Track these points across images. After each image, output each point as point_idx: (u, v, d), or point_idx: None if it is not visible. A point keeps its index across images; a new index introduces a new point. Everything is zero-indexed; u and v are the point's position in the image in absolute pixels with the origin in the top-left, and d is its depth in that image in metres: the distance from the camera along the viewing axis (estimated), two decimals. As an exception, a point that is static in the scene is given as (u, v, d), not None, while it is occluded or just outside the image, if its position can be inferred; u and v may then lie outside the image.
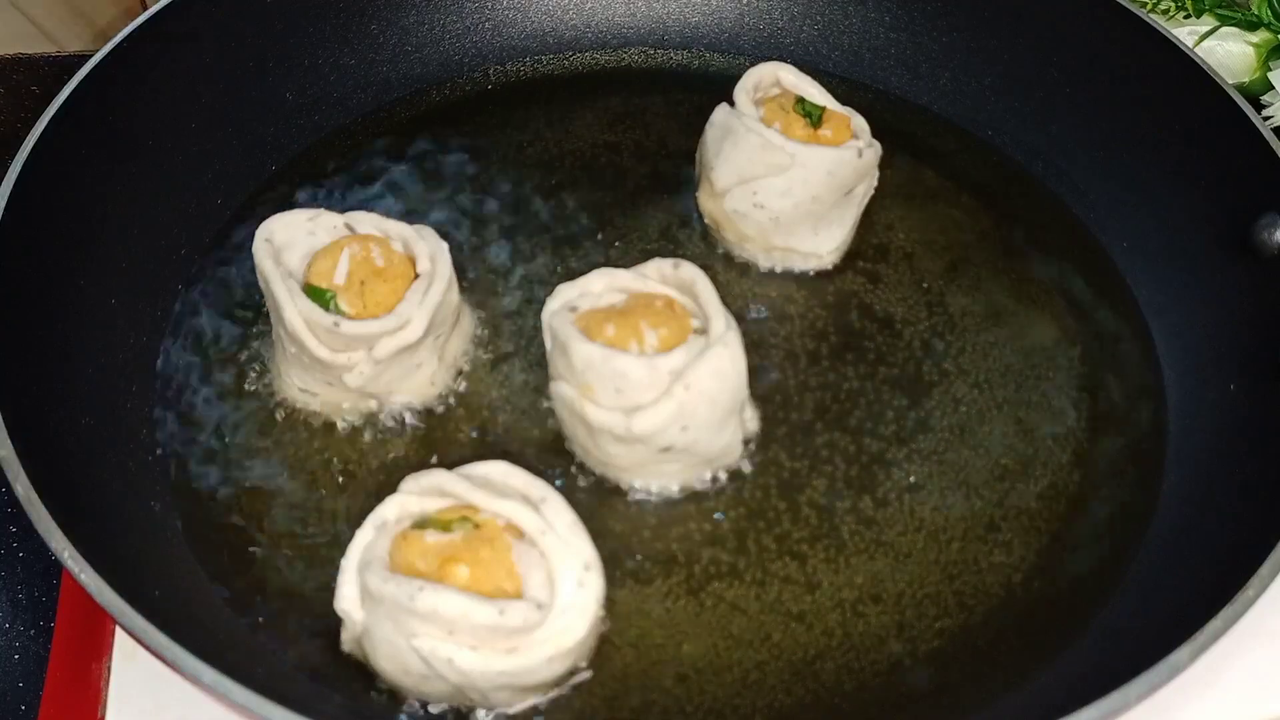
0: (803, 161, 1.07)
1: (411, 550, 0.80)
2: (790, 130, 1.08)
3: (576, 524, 0.84)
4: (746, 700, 0.88)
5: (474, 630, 0.77)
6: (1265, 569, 0.80)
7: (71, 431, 0.92)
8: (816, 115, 1.10)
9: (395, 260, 0.96)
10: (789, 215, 1.10)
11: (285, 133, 1.22)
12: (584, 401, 0.91)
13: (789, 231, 1.11)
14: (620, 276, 0.97)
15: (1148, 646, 0.78)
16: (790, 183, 1.08)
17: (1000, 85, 1.28)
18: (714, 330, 0.91)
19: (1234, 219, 1.06)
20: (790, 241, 1.12)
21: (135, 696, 0.90)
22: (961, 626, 0.92)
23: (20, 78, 1.44)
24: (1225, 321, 1.06)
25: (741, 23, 1.36)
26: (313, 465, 0.99)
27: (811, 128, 1.09)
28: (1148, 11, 1.33)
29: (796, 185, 1.08)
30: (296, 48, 1.24)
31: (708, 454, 0.96)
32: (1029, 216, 1.21)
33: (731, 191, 1.11)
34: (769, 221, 1.11)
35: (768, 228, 1.11)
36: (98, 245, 1.03)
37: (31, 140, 0.98)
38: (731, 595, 0.93)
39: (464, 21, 1.32)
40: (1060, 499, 1.00)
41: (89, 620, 0.94)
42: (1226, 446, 1.00)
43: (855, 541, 0.96)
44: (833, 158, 1.07)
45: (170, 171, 1.12)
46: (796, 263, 1.13)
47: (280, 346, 0.99)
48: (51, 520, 0.79)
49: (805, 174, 1.07)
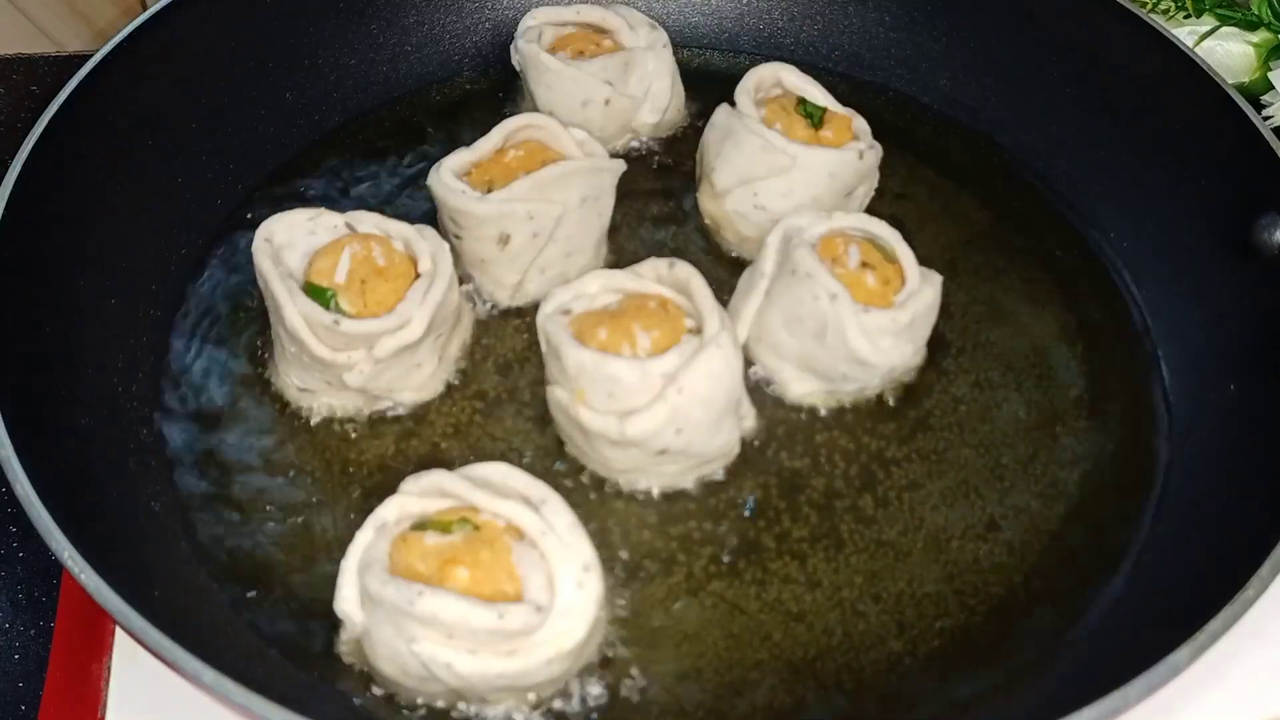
0: (804, 163, 1.07)
1: (411, 552, 0.80)
2: (791, 131, 1.09)
3: (576, 525, 0.84)
4: (747, 700, 0.88)
5: (473, 634, 0.77)
6: (1265, 569, 0.81)
7: (71, 431, 0.92)
8: (818, 116, 1.10)
9: (396, 259, 0.97)
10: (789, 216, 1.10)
11: (285, 133, 1.22)
12: (577, 406, 0.91)
13: (789, 232, 1.11)
14: (615, 277, 0.97)
15: (1148, 646, 0.78)
16: (791, 184, 1.08)
17: (1000, 85, 1.28)
18: (708, 330, 0.91)
19: (1234, 219, 1.06)
20: (790, 241, 1.12)
21: (135, 696, 0.90)
22: (961, 626, 0.92)
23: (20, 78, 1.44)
24: (1225, 321, 1.06)
25: (741, 23, 1.36)
26: (312, 465, 0.99)
27: (813, 129, 1.09)
28: (1148, 11, 1.33)
29: (797, 186, 1.08)
30: (296, 48, 1.24)
31: (705, 454, 0.96)
32: (1029, 216, 1.21)
33: (732, 192, 1.11)
34: (769, 222, 1.10)
35: (768, 229, 1.11)
36: (97, 245, 1.03)
37: (31, 140, 0.98)
38: (731, 595, 0.93)
39: (464, 21, 1.33)
40: (1060, 499, 1.00)
41: (89, 620, 0.94)
42: (1226, 446, 1.00)
43: (855, 541, 0.96)
44: (834, 159, 1.07)
45: (170, 171, 1.12)
46: (796, 263, 1.14)
47: (280, 346, 0.99)
48: (51, 520, 0.79)
49: (806, 175, 1.07)
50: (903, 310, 0.97)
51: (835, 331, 0.96)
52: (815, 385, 1.02)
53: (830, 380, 1.01)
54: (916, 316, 0.98)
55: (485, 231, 1.02)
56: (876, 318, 0.96)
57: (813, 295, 0.96)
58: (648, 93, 1.21)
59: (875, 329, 0.96)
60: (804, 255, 0.97)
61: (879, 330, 0.97)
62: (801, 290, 0.97)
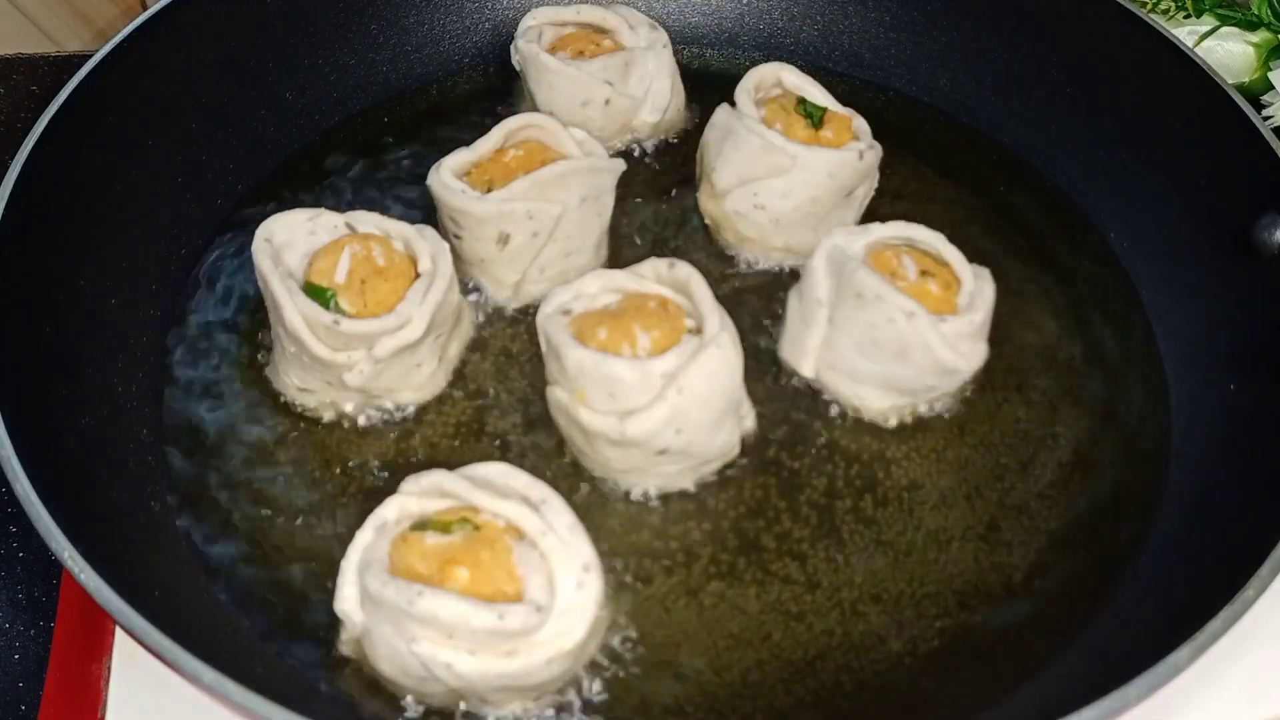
0: (804, 163, 1.07)
1: (411, 552, 0.80)
2: (791, 131, 1.08)
3: (576, 525, 0.84)
4: (746, 700, 0.88)
5: (473, 634, 0.77)
6: (1265, 569, 0.81)
7: (71, 431, 0.92)
8: (818, 116, 1.10)
9: (396, 259, 0.97)
10: (789, 216, 1.10)
11: (285, 133, 1.22)
12: (578, 406, 0.91)
13: (789, 232, 1.11)
14: (615, 277, 0.97)
15: (1148, 646, 0.78)
16: (791, 184, 1.08)
17: (1000, 85, 1.28)
18: (708, 330, 0.91)
19: (1234, 219, 1.06)
20: (790, 242, 1.12)
21: (135, 696, 0.90)
22: (961, 626, 0.92)
23: (20, 78, 1.44)
24: (1225, 321, 1.06)
25: (741, 23, 1.36)
26: (312, 465, 0.99)
27: (813, 129, 1.09)
28: (1148, 11, 1.33)
29: (797, 187, 1.08)
30: (296, 48, 1.24)
31: (705, 454, 0.96)
32: (1029, 216, 1.21)
33: (732, 192, 1.11)
34: (769, 222, 1.11)
35: (768, 229, 1.11)
36: (97, 245, 1.03)
37: (31, 140, 0.98)
38: (731, 595, 0.93)
39: (464, 21, 1.33)
40: (1060, 499, 1.00)
41: (89, 620, 0.94)
42: (1226, 446, 1.00)
43: (855, 541, 0.96)
44: (834, 160, 1.07)
45: (170, 171, 1.12)
46: (796, 263, 1.13)
47: (280, 346, 0.99)
48: (51, 520, 0.79)
49: (806, 176, 1.07)
50: (975, 311, 0.97)
51: (920, 349, 0.95)
52: (897, 400, 1.02)
53: (914, 394, 1.01)
54: (987, 313, 0.98)
55: (485, 231, 1.02)
56: (954, 325, 0.96)
57: (887, 318, 0.95)
58: (648, 93, 1.21)
59: (955, 336, 0.96)
60: (866, 277, 0.95)
61: (958, 336, 0.96)
62: (873, 314, 0.95)
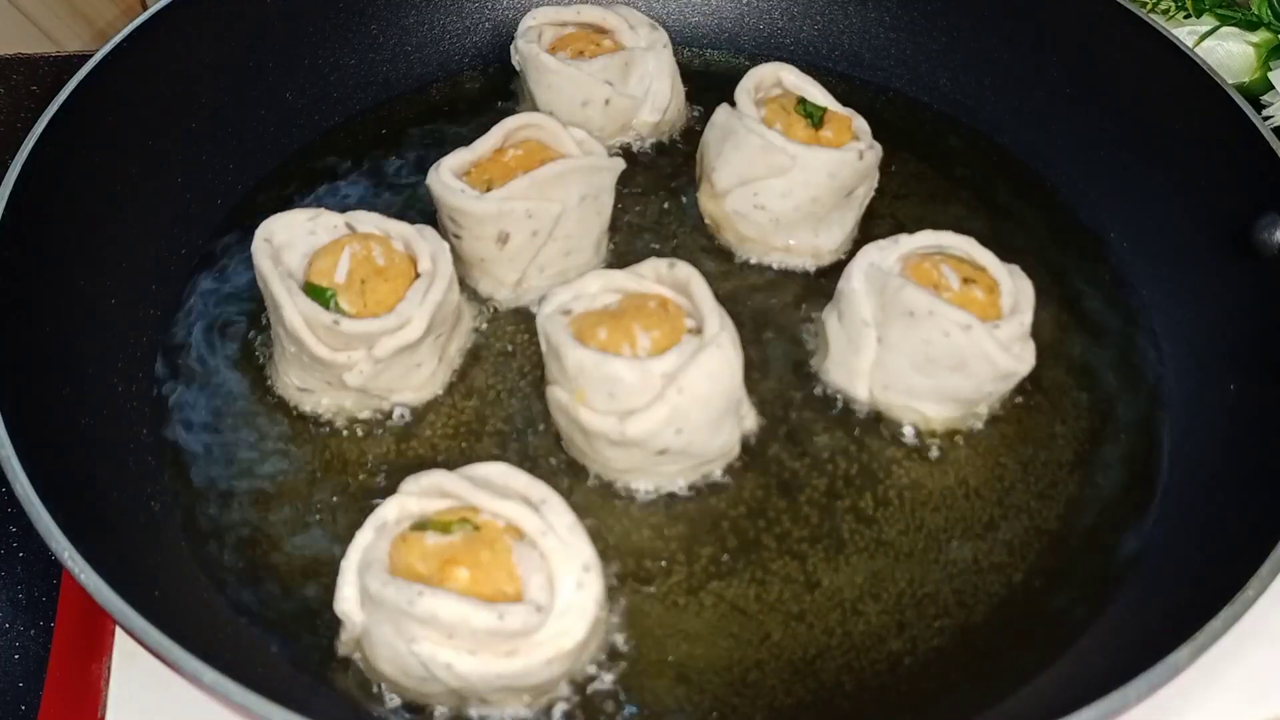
0: (803, 163, 1.07)
1: (411, 552, 0.80)
2: (791, 131, 1.08)
3: (576, 525, 0.84)
4: (746, 700, 0.88)
5: (474, 634, 0.77)
6: (1265, 569, 0.81)
7: (71, 431, 0.92)
8: (818, 116, 1.10)
9: (396, 259, 0.97)
10: (789, 216, 1.10)
11: (285, 133, 1.22)
12: (578, 406, 0.91)
13: (789, 232, 1.11)
14: (615, 277, 0.97)
15: (1148, 646, 0.78)
16: (791, 184, 1.08)
17: (1000, 85, 1.28)
18: (708, 330, 0.91)
19: (1234, 219, 1.06)
20: (790, 242, 1.12)
21: (135, 696, 0.90)
22: (961, 626, 0.92)
23: (20, 78, 1.44)
24: (1225, 321, 1.06)
25: (741, 23, 1.36)
26: (312, 465, 0.99)
27: (812, 129, 1.09)
28: (1148, 11, 1.34)
29: (797, 187, 1.08)
30: (296, 48, 1.24)
31: (705, 454, 0.96)
32: (1028, 216, 1.21)
33: (732, 192, 1.11)
34: (769, 222, 1.11)
35: (768, 229, 1.11)
36: (97, 245, 1.03)
37: (31, 140, 0.99)
38: (731, 595, 0.93)
39: (464, 21, 1.33)
40: (1060, 499, 1.00)
41: (89, 620, 0.94)
42: (1226, 447, 1.00)
43: (855, 541, 0.96)
44: (834, 160, 1.07)
45: (170, 171, 1.12)
46: (796, 263, 1.13)
47: (280, 346, 0.99)
48: (51, 520, 0.79)
49: (806, 176, 1.07)
50: (1023, 312, 0.98)
51: (978, 359, 0.95)
52: (955, 410, 1.02)
53: (972, 403, 1.02)
54: (1032, 311, 0.99)
55: (484, 230, 1.02)
56: (1006, 329, 0.96)
57: (943, 332, 0.94)
58: (648, 93, 1.21)
59: (1009, 340, 0.97)
60: (914, 294, 0.95)
61: (1012, 339, 0.97)
62: (928, 331, 0.95)
